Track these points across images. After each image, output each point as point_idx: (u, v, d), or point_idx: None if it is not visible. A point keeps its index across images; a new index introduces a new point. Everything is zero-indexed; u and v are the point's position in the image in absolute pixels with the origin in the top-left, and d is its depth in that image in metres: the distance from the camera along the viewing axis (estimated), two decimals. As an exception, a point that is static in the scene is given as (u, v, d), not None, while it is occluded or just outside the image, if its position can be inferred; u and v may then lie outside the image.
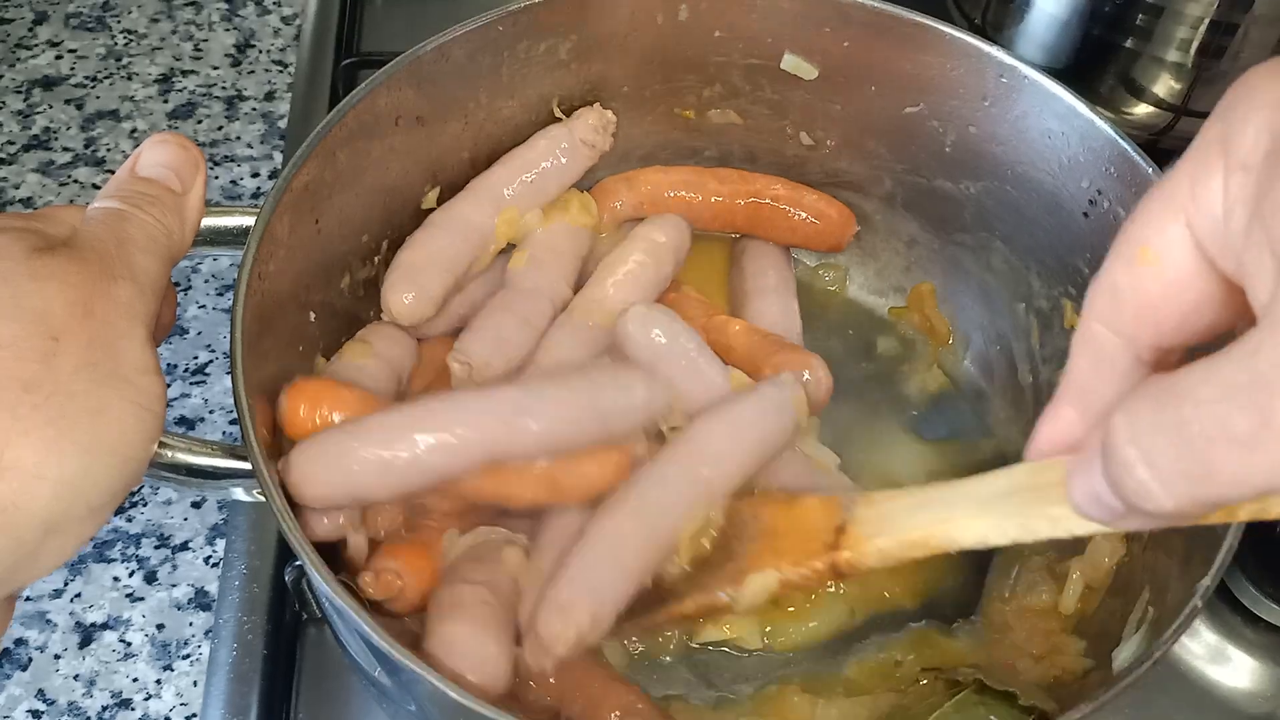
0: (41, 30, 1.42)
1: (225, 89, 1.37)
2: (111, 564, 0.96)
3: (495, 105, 0.92)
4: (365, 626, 0.59)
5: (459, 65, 0.87)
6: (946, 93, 0.92)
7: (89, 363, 0.53)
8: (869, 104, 0.97)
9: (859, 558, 0.63)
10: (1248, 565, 0.94)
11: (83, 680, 0.90)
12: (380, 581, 0.75)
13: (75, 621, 0.93)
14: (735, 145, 1.04)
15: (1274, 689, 0.93)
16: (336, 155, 0.80)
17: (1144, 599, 0.73)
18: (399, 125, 0.86)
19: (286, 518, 0.63)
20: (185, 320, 1.13)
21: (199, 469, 0.66)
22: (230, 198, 1.25)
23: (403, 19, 1.41)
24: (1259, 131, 0.40)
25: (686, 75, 0.99)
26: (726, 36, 0.96)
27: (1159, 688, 0.90)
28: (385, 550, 0.77)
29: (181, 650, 0.92)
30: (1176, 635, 0.64)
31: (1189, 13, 1.16)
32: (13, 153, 1.27)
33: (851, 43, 0.93)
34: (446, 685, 0.58)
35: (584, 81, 0.96)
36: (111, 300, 0.55)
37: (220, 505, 1.00)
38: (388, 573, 0.75)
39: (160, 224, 0.61)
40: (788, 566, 0.68)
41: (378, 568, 0.75)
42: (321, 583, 0.61)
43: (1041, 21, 1.24)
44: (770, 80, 0.98)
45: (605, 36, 0.93)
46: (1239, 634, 0.95)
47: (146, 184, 0.63)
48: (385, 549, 0.77)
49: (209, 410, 1.07)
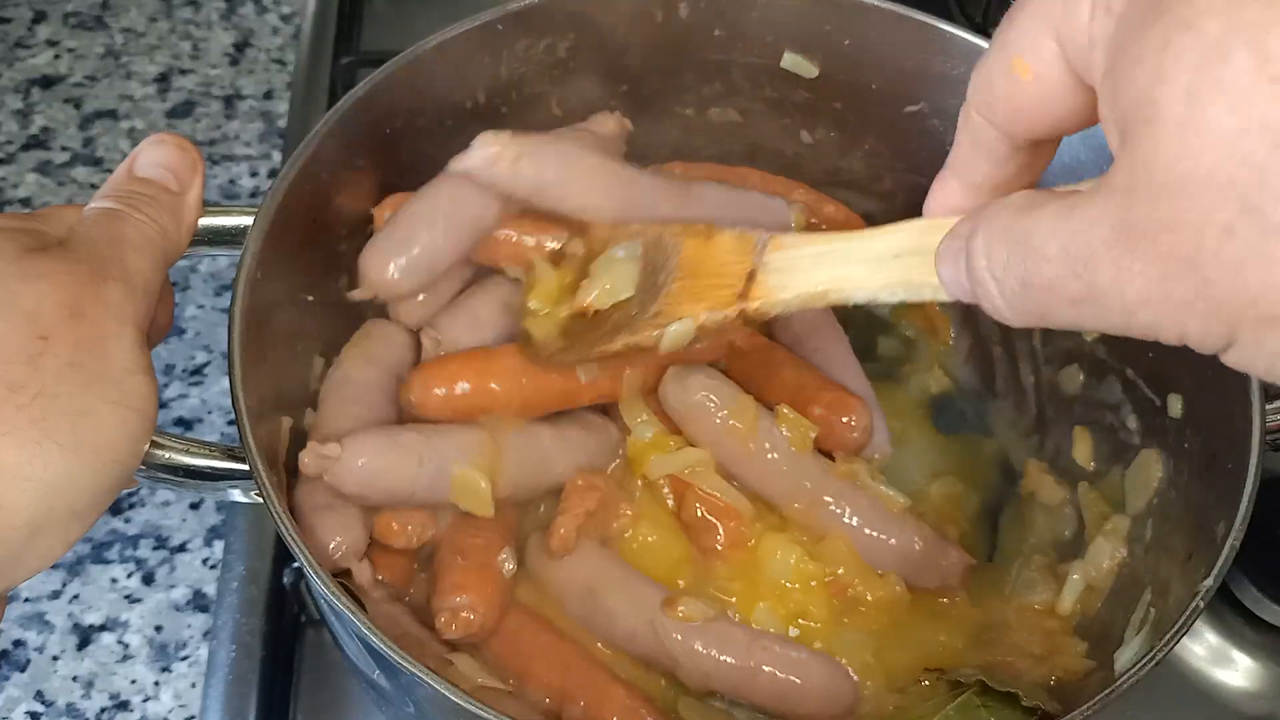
0: (40, 29, 1.41)
1: (224, 88, 1.37)
2: (109, 565, 0.96)
3: (494, 104, 0.92)
4: (363, 629, 0.59)
5: (458, 64, 0.87)
6: (947, 91, 0.92)
7: (76, 364, 0.53)
8: (869, 102, 0.96)
9: (766, 307, 0.67)
10: (1249, 566, 0.94)
11: (81, 681, 0.90)
12: (459, 621, 0.73)
13: (73, 623, 0.93)
14: (735, 143, 1.04)
15: (1275, 690, 0.92)
16: (337, 154, 0.80)
17: (1145, 600, 0.73)
18: (399, 124, 0.85)
19: (284, 519, 0.63)
20: (183, 320, 1.13)
21: (196, 470, 0.66)
22: (229, 197, 1.25)
23: (401, 18, 1.41)
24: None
25: (686, 73, 0.99)
26: (726, 35, 0.95)
27: (1160, 688, 0.90)
28: (450, 586, 0.74)
29: (180, 652, 0.92)
30: (1178, 637, 0.63)
31: (1190, 11, 1.15)
32: (11, 152, 1.27)
33: (852, 41, 0.93)
34: (445, 687, 0.57)
35: (583, 80, 0.96)
36: (102, 301, 0.55)
37: (218, 507, 0.99)
38: (462, 610, 0.73)
39: (155, 224, 0.61)
40: (704, 311, 0.71)
41: (449, 607, 0.73)
42: (320, 585, 0.61)
43: (1042, 20, 1.23)
44: (770, 78, 0.98)
45: (605, 35, 0.93)
46: (1240, 635, 0.95)
47: (143, 184, 0.62)
48: (449, 583, 0.75)
49: (207, 411, 1.06)
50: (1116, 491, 0.83)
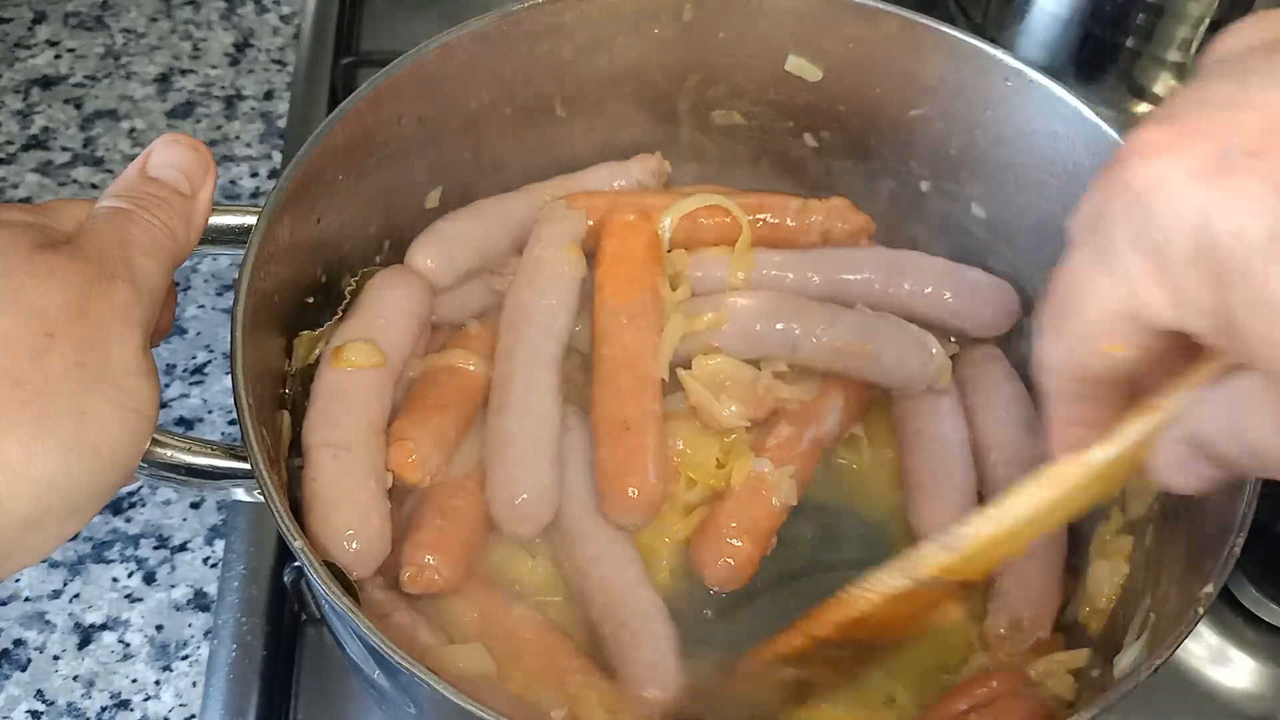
0: (40, 30, 1.41)
1: (224, 88, 1.37)
2: (110, 565, 0.96)
3: (498, 105, 0.92)
4: (363, 629, 0.59)
5: (462, 65, 0.87)
6: (951, 95, 0.92)
7: (80, 363, 0.53)
8: (873, 106, 0.96)
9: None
10: (1249, 566, 0.94)
11: (82, 681, 0.90)
12: (424, 579, 0.77)
13: (74, 622, 0.93)
14: (739, 146, 1.04)
15: (1275, 690, 0.93)
16: (338, 155, 0.80)
17: (1146, 605, 0.73)
18: (401, 125, 0.85)
19: (285, 519, 0.63)
20: (184, 320, 1.13)
21: (198, 469, 0.66)
22: (229, 197, 1.25)
23: (401, 18, 1.41)
24: (1185, 238, 0.43)
25: (690, 76, 0.99)
26: (731, 37, 0.95)
27: (1161, 688, 0.90)
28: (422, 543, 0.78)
29: (180, 651, 0.92)
30: (1178, 643, 0.63)
31: (1189, 12, 1.16)
32: (12, 152, 1.27)
33: (856, 44, 0.93)
34: (446, 688, 0.57)
35: (587, 82, 0.96)
36: (108, 302, 0.55)
37: (219, 506, 0.99)
38: (428, 569, 0.77)
39: (165, 227, 0.61)
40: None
41: (417, 563, 0.77)
42: (320, 585, 0.61)
43: (1042, 21, 1.24)
44: (774, 81, 0.98)
45: (609, 37, 0.93)
46: (1240, 635, 0.95)
47: (155, 185, 0.62)
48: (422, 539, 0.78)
49: (208, 410, 1.06)
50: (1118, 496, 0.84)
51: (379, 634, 0.59)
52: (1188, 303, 0.44)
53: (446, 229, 0.90)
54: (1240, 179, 0.41)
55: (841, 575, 0.71)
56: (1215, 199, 0.42)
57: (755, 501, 0.86)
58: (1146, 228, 0.44)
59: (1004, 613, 0.81)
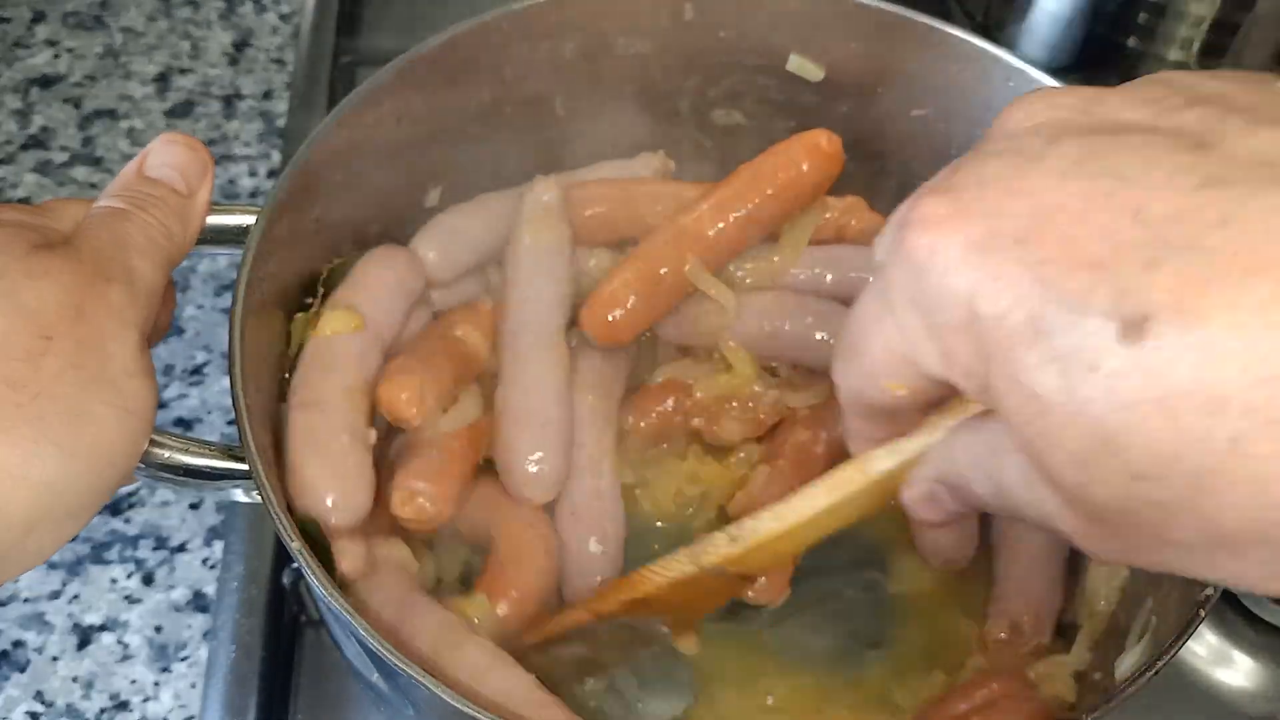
0: (39, 29, 1.41)
1: (223, 88, 1.37)
2: (109, 566, 0.96)
3: (498, 105, 0.92)
4: (362, 631, 0.59)
5: (461, 64, 0.87)
6: (954, 96, 0.91)
7: (76, 365, 0.53)
8: (875, 106, 0.96)
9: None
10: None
11: (80, 682, 0.90)
12: (414, 506, 0.76)
13: (73, 623, 0.93)
14: (739, 146, 1.03)
15: (1276, 690, 0.92)
16: (338, 154, 0.80)
17: (1148, 607, 0.73)
18: (400, 124, 0.85)
19: (282, 519, 0.63)
20: (182, 320, 1.13)
21: (196, 470, 0.66)
22: (228, 197, 1.25)
23: (401, 17, 1.41)
24: (954, 312, 0.45)
25: (690, 75, 0.98)
26: (731, 37, 0.95)
27: (1161, 689, 0.88)
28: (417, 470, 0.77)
29: (179, 652, 0.92)
30: (1179, 646, 0.63)
31: (1191, 12, 1.16)
32: (10, 152, 1.26)
33: (858, 44, 0.93)
34: (444, 691, 0.57)
35: (587, 81, 0.95)
36: (104, 302, 0.55)
37: (218, 507, 0.99)
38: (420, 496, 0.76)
39: (162, 227, 0.61)
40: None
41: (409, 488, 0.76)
42: (319, 587, 0.61)
43: (1044, 20, 1.24)
44: (776, 81, 0.98)
45: (609, 36, 0.93)
46: (1241, 635, 0.95)
47: (152, 185, 0.62)
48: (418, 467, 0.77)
49: (206, 411, 1.06)
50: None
51: (377, 636, 0.59)
52: (955, 365, 0.46)
53: (449, 222, 0.90)
54: (1007, 266, 0.42)
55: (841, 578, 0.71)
56: (983, 281, 0.43)
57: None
58: (921, 296, 0.46)
59: (1004, 616, 0.81)
